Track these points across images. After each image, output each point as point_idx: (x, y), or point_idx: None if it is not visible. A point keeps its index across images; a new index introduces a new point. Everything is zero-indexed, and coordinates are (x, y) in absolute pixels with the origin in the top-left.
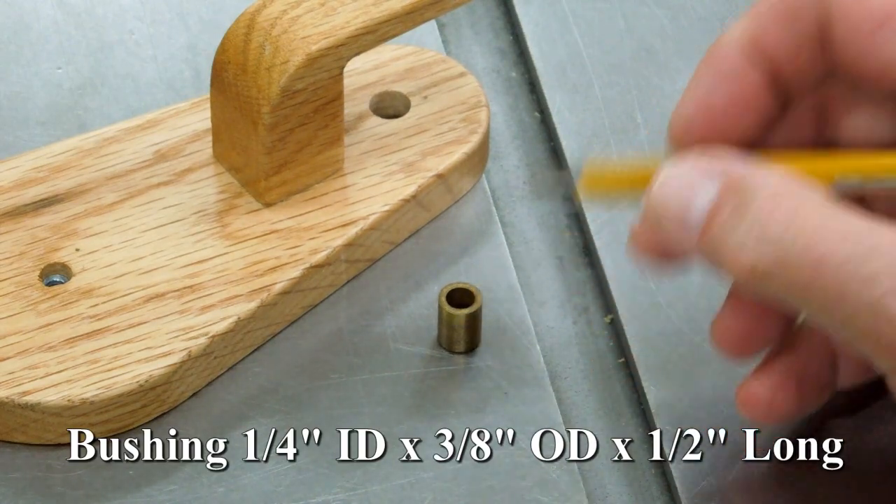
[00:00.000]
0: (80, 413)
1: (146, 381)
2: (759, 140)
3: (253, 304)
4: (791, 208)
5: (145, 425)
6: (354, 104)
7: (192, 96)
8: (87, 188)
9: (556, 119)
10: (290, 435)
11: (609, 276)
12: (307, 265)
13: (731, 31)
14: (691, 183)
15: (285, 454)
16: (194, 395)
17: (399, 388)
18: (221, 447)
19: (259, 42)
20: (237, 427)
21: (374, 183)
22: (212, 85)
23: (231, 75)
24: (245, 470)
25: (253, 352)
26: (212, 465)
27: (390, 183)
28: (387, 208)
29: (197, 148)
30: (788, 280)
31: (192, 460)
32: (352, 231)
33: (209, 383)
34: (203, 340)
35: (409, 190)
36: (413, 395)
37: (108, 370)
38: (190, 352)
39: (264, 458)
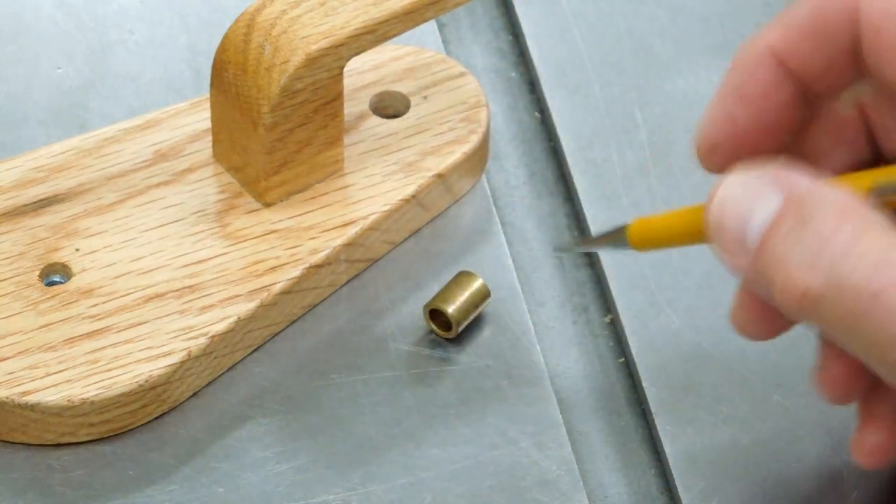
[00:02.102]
0: (80, 413)
1: (146, 381)
2: (793, 150)
3: (253, 304)
4: (854, 231)
5: (145, 425)
6: (354, 104)
7: (192, 96)
8: (87, 188)
9: (556, 119)
10: (289, 435)
11: (609, 276)
12: (307, 265)
13: (757, 43)
14: (752, 194)
15: (285, 454)
16: (194, 395)
17: (399, 388)
18: (222, 447)
19: (259, 42)
20: (237, 427)
21: (374, 183)
22: (212, 85)
23: (231, 75)
24: (245, 470)
25: (253, 352)
26: (212, 465)
27: (390, 183)
28: (387, 208)
29: (197, 148)
30: (842, 310)
31: (192, 460)
32: (352, 231)
33: (209, 383)
34: (203, 340)
35: (409, 190)
36: (413, 395)
37: (108, 370)
38: (190, 352)
39: (264, 459)
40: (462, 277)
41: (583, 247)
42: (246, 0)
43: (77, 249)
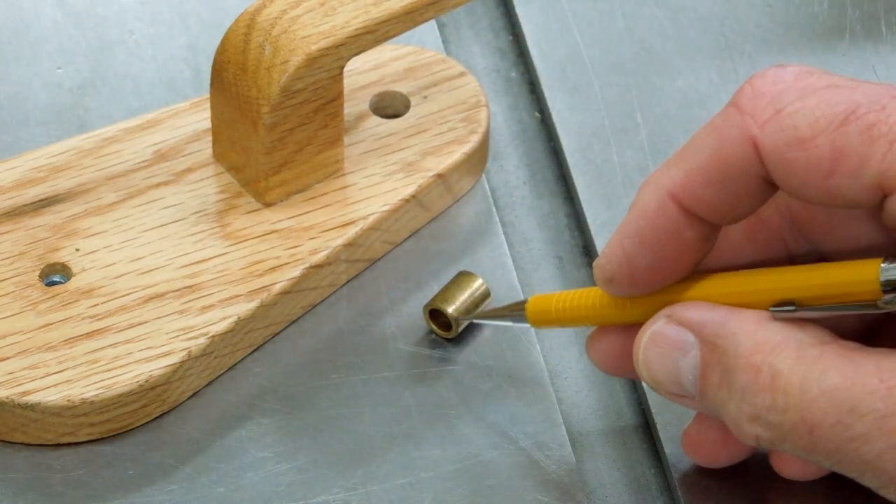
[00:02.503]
0: (80, 413)
1: (146, 381)
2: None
3: (253, 304)
4: (770, 374)
5: (145, 425)
6: (354, 104)
7: (192, 96)
8: (87, 188)
9: (556, 119)
10: (289, 435)
11: None
12: (307, 265)
13: (659, 188)
14: (671, 349)
15: (285, 454)
16: (194, 395)
17: (399, 388)
18: (222, 447)
19: (259, 42)
20: (237, 427)
21: (374, 183)
22: (212, 85)
23: (231, 75)
24: (245, 470)
25: (253, 352)
26: (212, 465)
27: (390, 183)
28: (387, 208)
29: (197, 148)
30: (793, 447)
31: (192, 460)
32: (352, 231)
33: (209, 383)
34: (203, 340)
35: (409, 190)
36: (413, 395)
37: (108, 370)
38: (190, 352)
39: (264, 459)
40: (462, 277)
41: (481, 318)
42: (246, 0)
43: (77, 249)
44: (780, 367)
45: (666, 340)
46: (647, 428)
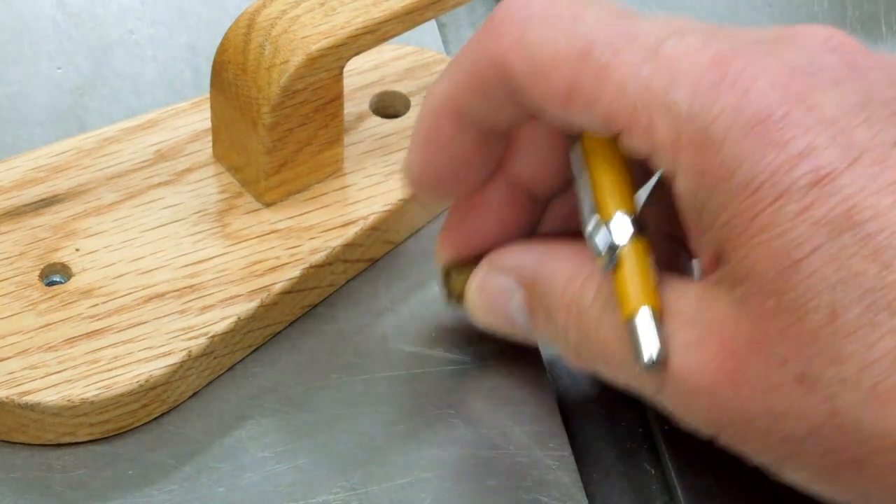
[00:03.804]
0: (80, 413)
1: (146, 381)
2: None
3: (253, 304)
4: (577, 311)
5: (145, 425)
6: (354, 104)
7: (192, 96)
8: (87, 188)
9: None
10: (289, 435)
11: None
12: (307, 265)
13: (436, 95)
14: (496, 295)
15: (285, 454)
16: (194, 395)
17: (399, 388)
18: (222, 447)
19: (259, 42)
20: (237, 427)
21: (374, 183)
22: (212, 85)
23: (231, 75)
24: (245, 470)
25: (253, 352)
26: (212, 465)
27: (390, 183)
28: (387, 208)
29: (197, 148)
30: (613, 380)
31: (192, 460)
32: (351, 231)
33: (209, 383)
34: (203, 340)
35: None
36: (413, 395)
37: (108, 370)
38: (190, 352)
39: (264, 459)
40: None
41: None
42: (246, 0)
43: (77, 249)
44: (584, 303)
45: (491, 288)
46: (647, 428)
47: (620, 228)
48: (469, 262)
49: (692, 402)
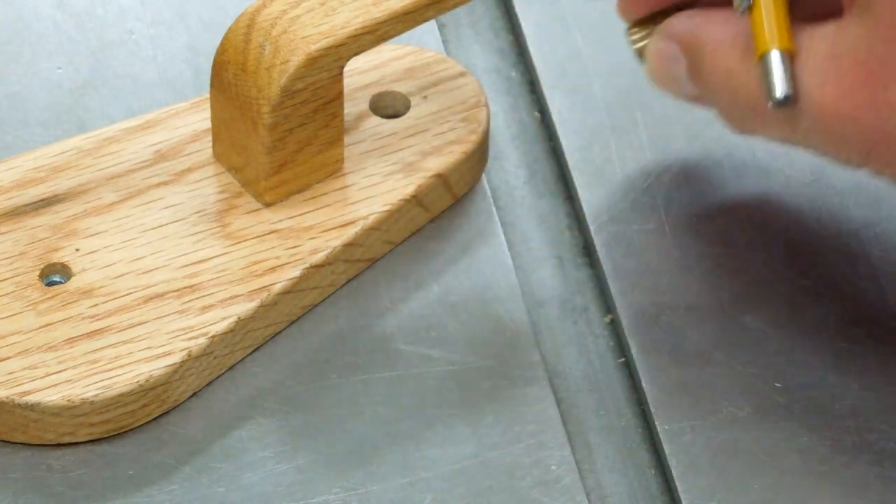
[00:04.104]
0: (80, 413)
1: (146, 381)
2: None
3: (253, 304)
4: (726, 73)
5: (145, 425)
6: (354, 104)
7: (192, 96)
8: (87, 188)
9: (556, 119)
10: (289, 435)
11: (609, 276)
12: (307, 265)
13: None
14: (665, 62)
15: (285, 454)
16: (194, 395)
17: (399, 388)
18: (222, 447)
19: (259, 42)
20: (237, 427)
21: (374, 183)
22: (212, 85)
23: (231, 75)
24: (245, 470)
25: (253, 352)
26: (212, 465)
27: (390, 183)
28: (387, 208)
29: (197, 148)
30: (765, 134)
31: (192, 460)
32: (352, 231)
33: (209, 383)
34: (203, 340)
35: (409, 190)
36: (413, 395)
37: (108, 370)
38: (190, 352)
39: (264, 459)
40: None
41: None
42: (246, 0)
43: (77, 249)
44: (731, 66)
45: (661, 54)
46: (647, 428)
47: None
48: (648, 20)
49: (837, 131)
